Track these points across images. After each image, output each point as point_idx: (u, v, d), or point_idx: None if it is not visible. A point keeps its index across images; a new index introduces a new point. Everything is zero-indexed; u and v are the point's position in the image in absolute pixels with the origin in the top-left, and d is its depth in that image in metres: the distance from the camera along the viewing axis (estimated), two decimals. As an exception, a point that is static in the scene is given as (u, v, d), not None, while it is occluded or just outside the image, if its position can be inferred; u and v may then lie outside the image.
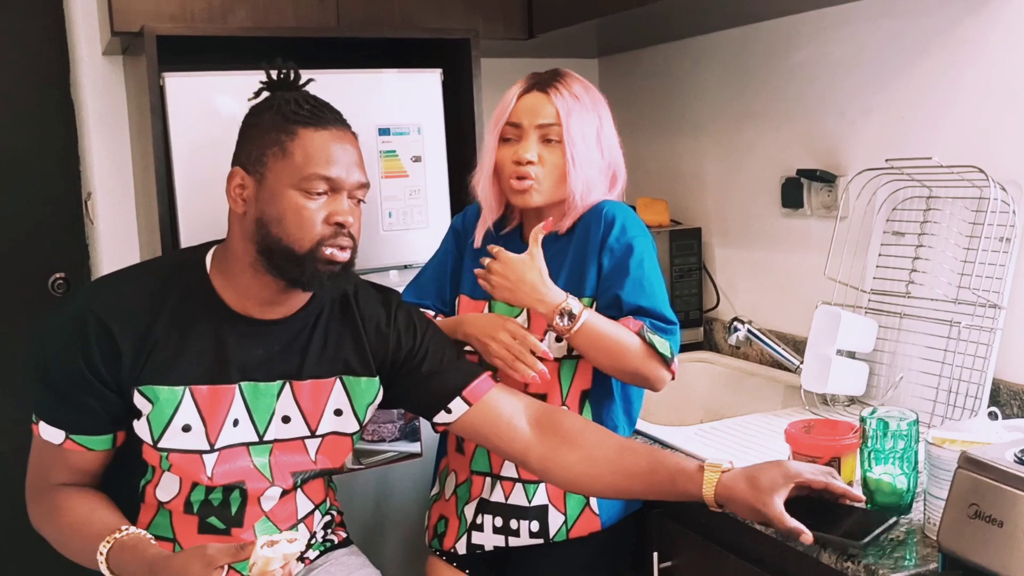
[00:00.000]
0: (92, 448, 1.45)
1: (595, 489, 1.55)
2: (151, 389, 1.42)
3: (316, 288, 1.45)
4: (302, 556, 1.63)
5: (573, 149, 1.62)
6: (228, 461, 1.47)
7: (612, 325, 1.57)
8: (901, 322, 1.88)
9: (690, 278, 2.50)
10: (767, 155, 2.30)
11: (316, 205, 1.41)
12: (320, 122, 1.42)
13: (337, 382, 1.54)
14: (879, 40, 1.97)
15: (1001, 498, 1.15)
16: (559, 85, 1.66)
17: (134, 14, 1.99)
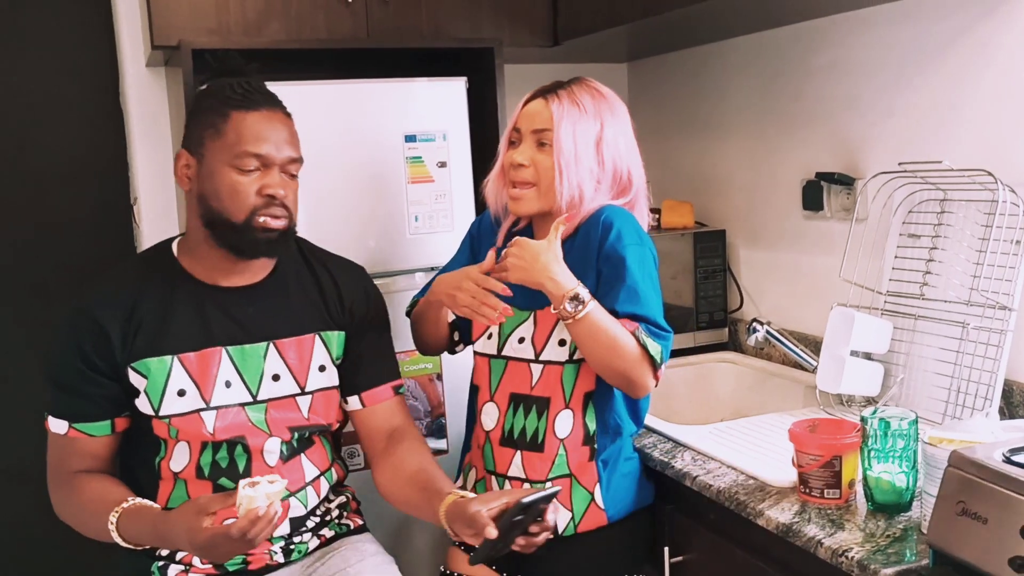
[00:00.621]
0: (93, 434, 1.61)
1: (399, 503, 1.71)
2: (142, 363, 1.59)
3: (256, 254, 1.62)
4: (318, 533, 1.72)
5: (560, 155, 1.65)
6: (226, 418, 1.60)
7: (613, 322, 1.60)
8: (915, 323, 1.90)
9: (715, 280, 2.53)
10: (789, 158, 2.33)
11: (249, 180, 1.58)
12: (250, 104, 1.58)
13: (317, 339, 1.70)
14: (898, 44, 1.99)
15: (986, 496, 1.18)
16: (562, 92, 1.70)
17: (173, 28, 2.09)
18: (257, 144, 1.57)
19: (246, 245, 1.61)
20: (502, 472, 1.75)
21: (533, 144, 1.69)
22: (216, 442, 1.61)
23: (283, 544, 1.68)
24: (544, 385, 1.70)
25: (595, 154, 1.68)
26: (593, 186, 1.68)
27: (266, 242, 1.61)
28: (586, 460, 1.70)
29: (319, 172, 2.10)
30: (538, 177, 1.69)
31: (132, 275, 1.65)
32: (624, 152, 1.72)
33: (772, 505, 1.51)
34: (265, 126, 1.59)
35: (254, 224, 1.58)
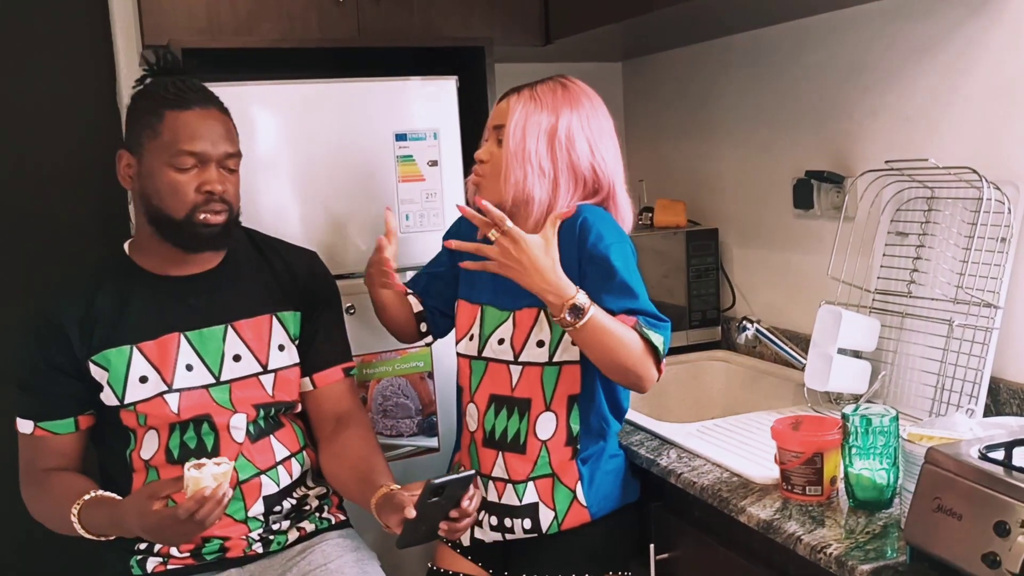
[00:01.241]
0: (58, 432, 1.66)
1: (339, 488, 1.76)
2: (102, 356, 1.64)
3: (200, 248, 1.68)
4: (298, 525, 1.75)
5: (507, 149, 1.65)
6: (191, 399, 1.64)
7: (613, 321, 1.56)
8: (903, 321, 1.90)
9: (707, 278, 2.54)
10: (781, 156, 2.33)
11: (187, 178, 1.62)
12: (183, 103, 1.62)
13: (274, 319, 1.76)
14: (886, 42, 1.99)
15: (961, 492, 1.18)
16: (527, 89, 1.70)
17: (164, 28, 2.10)
18: (192, 142, 1.61)
19: (189, 240, 1.66)
20: (486, 473, 1.75)
21: (494, 140, 1.71)
22: (183, 423, 1.65)
23: (260, 531, 1.70)
24: (524, 387, 1.70)
25: (547, 149, 1.65)
26: (542, 182, 1.64)
27: (208, 236, 1.66)
28: (567, 459, 1.70)
29: (309, 171, 2.11)
30: (492, 171, 1.69)
31: (87, 275, 1.71)
32: (583, 148, 1.66)
33: (754, 502, 1.51)
34: (199, 124, 1.62)
35: (195, 220, 1.63)
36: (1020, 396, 1.74)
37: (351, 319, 2.13)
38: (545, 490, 1.70)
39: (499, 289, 1.73)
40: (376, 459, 1.72)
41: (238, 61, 2.26)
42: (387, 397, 2.21)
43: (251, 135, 2.05)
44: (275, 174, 2.09)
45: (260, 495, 1.70)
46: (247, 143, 2.03)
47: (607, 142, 1.72)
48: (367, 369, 2.18)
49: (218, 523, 1.62)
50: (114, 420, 1.66)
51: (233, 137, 1.68)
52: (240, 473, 1.67)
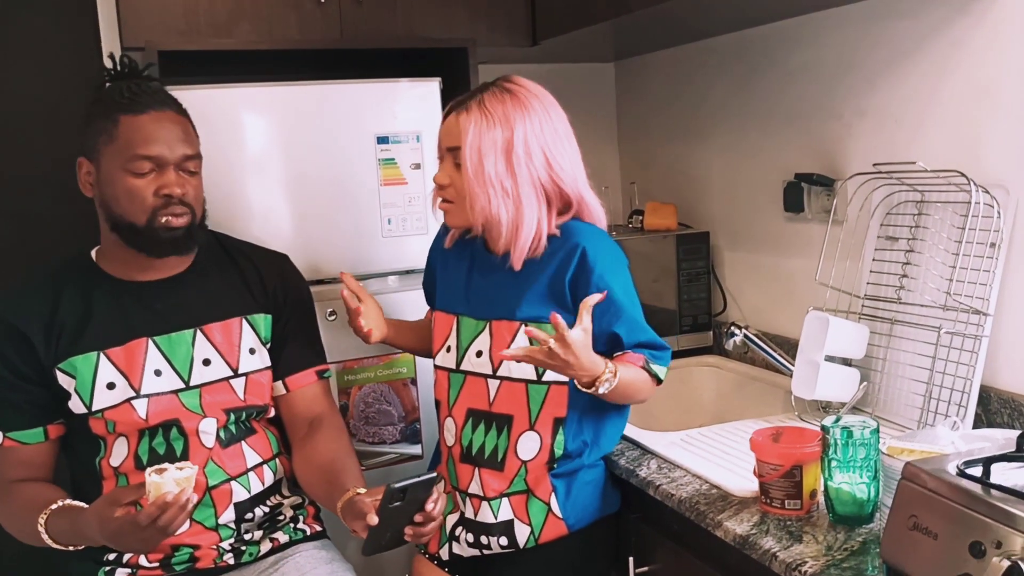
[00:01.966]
0: (26, 442, 1.63)
1: (308, 491, 1.74)
2: (68, 363, 1.60)
3: (163, 253, 1.64)
4: (271, 536, 1.72)
5: (465, 176, 1.58)
6: (159, 405, 1.62)
7: (631, 372, 1.59)
8: (892, 328, 1.85)
9: (698, 282, 2.49)
10: (770, 158, 2.29)
11: (145, 182, 1.59)
12: (137, 107, 1.58)
13: (243, 322, 1.72)
14: (871, 42, 1.94)
15: (936, 510, 1.14)
16: (473, 104, 1.60)
17: (143, 30, 2.07)
18: (147, 146, 1.57)
19: (152, 245, 1.63)
20: (463, 488, 1.71)
21: (451, 162, 1.63)
22: (151, 429, 1.62)
23: (232, 540, 1.67)
24: (503, 402, 1.65)
25: (506, 168, 1.57)
26: (505, 202, 1.58)
27: (170, 241, 1.63)
28: (542, 475, 1.66)
29: (290, 175, 2.08)
30: (460, 195, 1.62)
31: (50, 279, 1.67)
32: (540, 159, 1.59)
33: (732, 516, 1.47)
34: (154, 127, 1.59)
35: (156, 225, 1.60)
36: (1011, 405, 1.69)
37: (333, 324, 2.10)
38: (519, 505, 1.66)
39: (473, 298, 1.70)
40: (346, 462, 1.68)
41: (219, 63, 2.22)
42: (369, 404, 2.17)
43: (230, 138, 2.03)
44: (255, 177, 2.06)
45: (231, 502, 1.66)
46: (226, 146, 2.01)
47: (564, 147, 1.64)
48: (349, 375, 2.15)
49: (188, 531, 1.61)
50: (83, 428, 1.64)
51: (191, 139, 1.64)
52: (210, 479, 1.64)
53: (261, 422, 1.77)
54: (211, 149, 1.99)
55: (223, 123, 2.02)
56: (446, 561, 1.75)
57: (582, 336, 1.48)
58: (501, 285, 1.68)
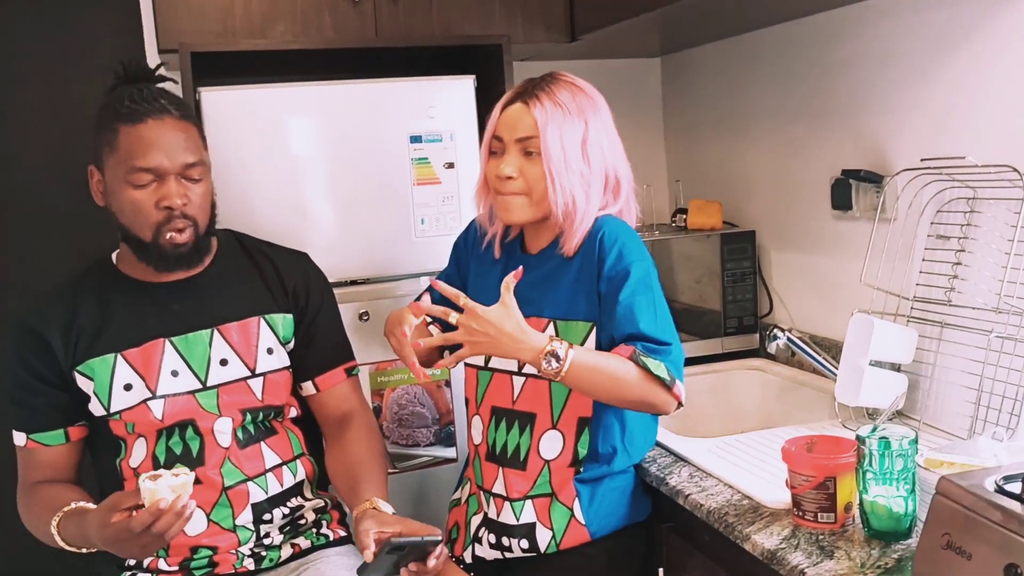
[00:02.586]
0: (48, 444, 1.64)
1: (336, 489, 1.74)
2: (87, 365, 1.61)
3: (170, 269, 1.62)
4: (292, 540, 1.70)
5: (550, 163, 1.56)
6: (175, 406, 1.62)
7: (602, 357, 1.50)
8: (942, 332, 1.76)
9: (744, 283, 2.41)
10: (818, 155, 2.20)
11: (146, 194, 1.56)
12: (135, 117, 1.55)
13: (261, 322, 1.70)
14: (917, 32, 1.85)
15: (972, 528, 1.07)
16: (541, 94, 1.59)
17: (178, 33, 2.08)
18: (146, 158, 1.54)
19: (159, 262, 1.62)
20: (487, 488, 1.68)
21: (519, 153, 1.59)
22: (168, 429, 1.62)
23: (251, 544, 1.66)
24: (527, 400, 1.62)
25: (582, 157, 1.58)
26: (584, 191, 1.58)
27: (176, 257, 1.61)
28: (567, 478, 1.62)
29: (323, 175, 2.07)
30: (528, 187, 1.59)
31: (70, 286, 1.67)
32: (609, 151, 1.62)
33: (762, 528, 1.40)
34: (154, 137, 1.55)
35: (161, 242, 1.59)
36: (1069, 415, 1.59)
37: (365, 326, 2.08)
38: (542, 509, 1.62)
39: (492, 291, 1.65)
40: (370, 467, 1.68)
41: (253, 64, 2.22)
42: (403, 406, 2.15)
43: (262, 138, 2.02)
44: (287, 177, 2.05)
45: (248, 503, 1.65)
46: (258, 146, 2.01)
47: (619, 142, 1.67)
48: (382, 377, 2.13)
49: (205, 531, 1.61)
50: (104, 430, 1.64)
51: (194, 145, 1.60)
52: (226, 479, 1.63)
53: (283, 422, 1.75)
54: (243, 149, 2.01)
55: (256, 123, 2.01)
56: (469, 564, 1.72)
57: (498, 308, 1.45)
58: (534, 284, 1.65)
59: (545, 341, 1.47)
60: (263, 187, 2.03)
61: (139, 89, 1.59)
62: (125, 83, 1.64)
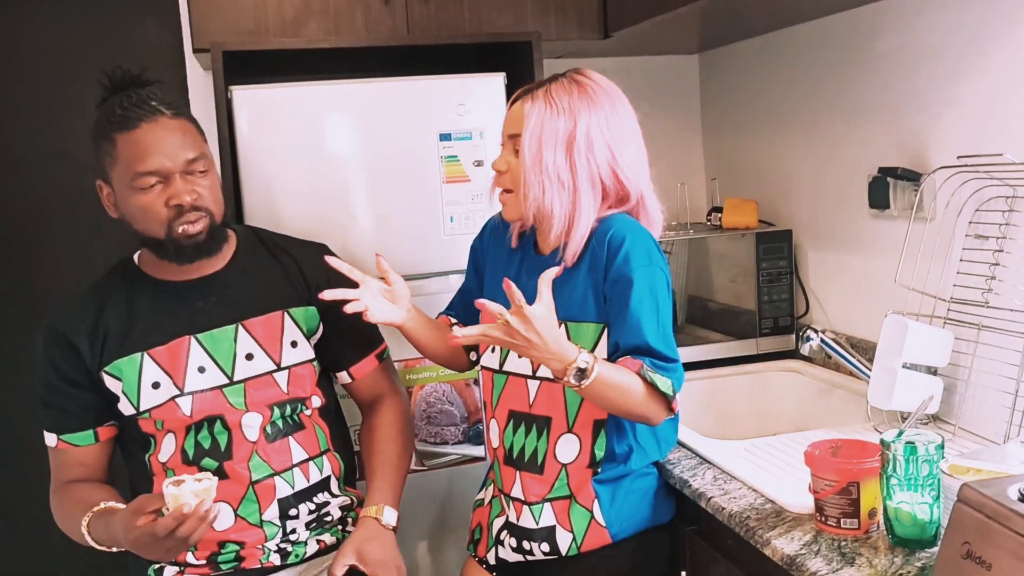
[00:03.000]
0: (78, 444, 1.67)
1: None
2: (114, 366, 1.63)
3: (191, 259, 1.63)
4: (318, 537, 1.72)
5: (521, 162, 1.53)
6: (203, 402, 1.64)
7: (618, 373, 1.48)
8: (979, 334, 1.71)
9: (780, 283, 2.37)
10: (856, 152, 2.15)
11: (153, 196, 1.57)
12: (128, 124, 1.55)
13: (285, 316, 1.72)
14: (957, 26, 1.79)
15: (992, 538, 1.03)
16: (539, 91, 1.56)
17: (212, 32, 2.10)
18: (146, 162, 1.55)
19: (178, 255, 1.63)
20: (507, 492, 1.67)
21: (511, 149, 1.58)
22: (197, 424, 1.64)
23: (278, 540, 1.67)
24: (543, 404, 1.60)
25: (565, 159, 1.52)
26: (560, 194, 1.52)
27: (194, 247, 1.62)
28: (586, 480, 1.60)
29: (352, 173, 2.08)
30: (515, 184, 1.57)
31: (94, 290, 1.70)
32: (603, 153, 1.54)
33: (783, 533, 1.37)
34: (151, 140, 1.55)
35: (175, 235, 1.59)
36: (1111, 422, 1.54)
37: (394, 323, 2.08)
38: (562, 511, 1.60)
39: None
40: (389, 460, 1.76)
41: (285, 63, 2.24)
42: (431, 403, 2.15)
43: (293, 135, 2.04)
44: (317, 175, 2.06)
45: (275, 497, 1.67)
46: (289, 143, 2.03)
47: (629, 143, 1.58)
48: (411, 374, 2.13)
49: (232, 526, 1.62)
50: (134, 428, 1.66)
51: (192, 141, 1.60)
52: (253, 473, 1.65)
53: (311, 416, 1.75)
54: (273, 146, 2.02)
55: (286, 121, 2.03)
56: (493, 565, 1.71)
57: (544, 312, 1.40)
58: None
59: (574, 355, 1.43)
60: (292, 184, 2.04)
61: (128, 95, 1.58)
62: (113, 92, 1.63)
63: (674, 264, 2.40)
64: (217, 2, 2.11)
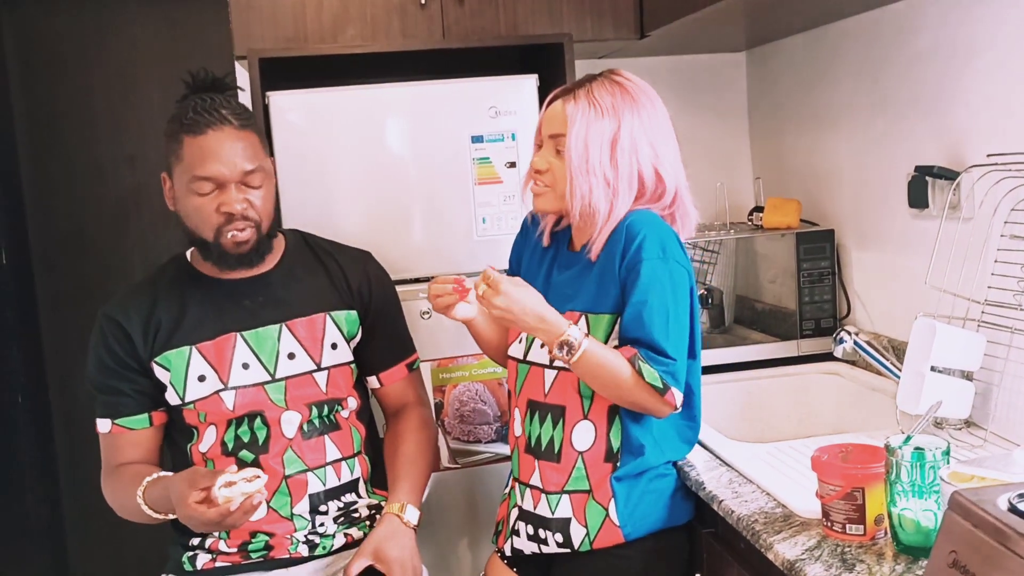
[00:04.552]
0: (133, 428, 1.74)
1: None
2: (164, 357, 1.71)
3: (233, 266, 1.71)
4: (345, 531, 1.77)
5: (570, 164, 1.55)
6: (246, 397, 1.72)
7: (609, 354, 1.51)
8: (1012, 338, 1.66)
9: (822, 284, 2.33)
10: (900, 150, 2.09)
11: (207, 200, 1.64)
12: (196, 128, 1.62)
13: (327, 318, 1.78)
14: (996, 20, 1.73)
15: (978, 548, 1.00)
16: (580, 92, 1.58)
17: (254, 39, 2.18)
18: (206, 168, 1.62)
19: (222, 260, 1.70)
20: (525, 481, 1.69)
21: (552, 149, 1.61)
22: (238, 419, 1.70)
23: (306, 532, 1.73)
24: (558, 393, 1.62)
25: (609, 157, 1.56)
26: (606, 195, 1.56)
27: (237, 257, 1.69)
28: (605, 476, 1.60)
29: (386, 175, 2.12)
30: (555, 181, 1.61)
31: (149, 282, 1.78)
32: (646, 152, 1.57)
33: (787, 538, 1.36)
34: (214, 148, 1.62)
35: (222, 241, 1.67)
36: None
37: (426, 323, 2.12)
38: (579, 505, 1.61)
39: (552, 293, 1.66)
40: (412, 464, 1.80)
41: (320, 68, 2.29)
42: (464, 402, 2.18)
43: (329, 139, 2.09)
44: (352, 177, 2.11)
45: (306, 492, 1.72)
46: (323, 146, 2.08)
47: (669, 143, 1.62)
48: (443, 373, 2.16)
49: (264, 517, 1.68)
50: (178, 417, 1.74)
51: (253, 153, 1.66)
52: (287, 468, 1.71)
53: (348, 417, 1.80)
54: (309, 150, 2.08)
55: (321, 125, 2.09)
56: (510, 557, 1.73)
57: (516, 280, 1.51)
58: (574, 279, 1.66)
59: (563, 328, 1.49)
60: (328, 187, 2.10)
61: (203, 100, 1.66)
62: (194, 92, 1.72)
63: (721, 264, 2.38)
64: (258, 10, 2.18)
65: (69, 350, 3.10)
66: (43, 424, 3.11)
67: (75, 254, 3.12)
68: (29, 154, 3.07)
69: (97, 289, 3.08)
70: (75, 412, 3.09)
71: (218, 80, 1.73)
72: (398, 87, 2.11)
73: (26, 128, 3.06)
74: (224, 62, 2.75)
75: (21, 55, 3.04)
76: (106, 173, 3.11)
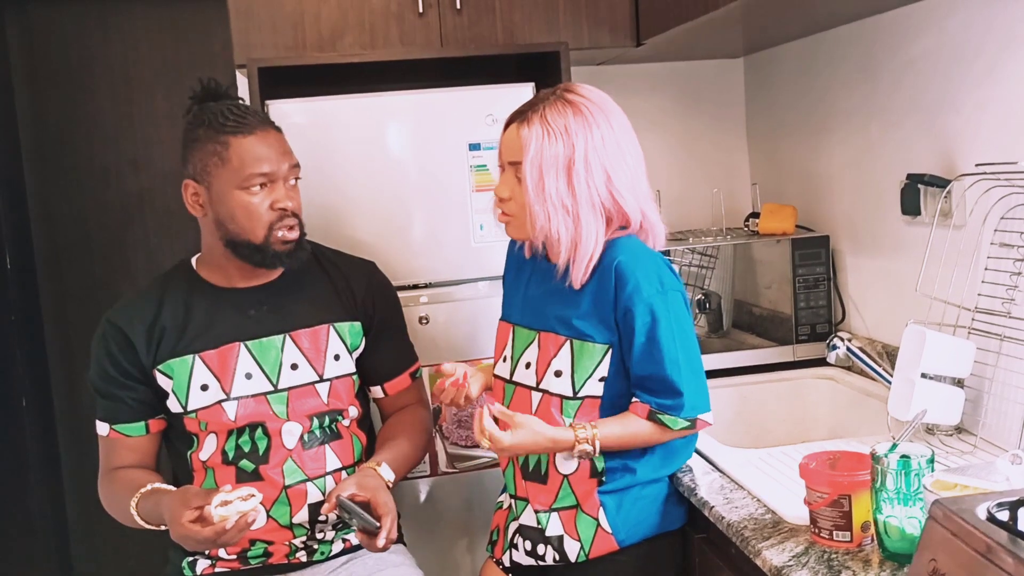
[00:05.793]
0: (130, 435, 1.75)
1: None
2: (167, 365, 1.72)
3: (278, 265, 1.73)
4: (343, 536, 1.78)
5: (526, 194, 1.54)
6: (248, 407, 1.71)
7: (623, 426, 1.56)
8: (1001, 345, 1.67)
9: (817, 289, 2.34)
10: (894, 157, 2.11)
11: (259, 198, 1.68)
12: (245, 129, 1.65)
13: (330, 329, 1.80)
14: (987, 27, 1.75)
15: (956, 557, 1.02)
16: (532, 115, 1.55)
17: (253, 48, 2.20)
18: (259, 165, 1.66)
19: (269, 259, 1.71)
20: (518, 496, 1.71)
21: (512, 175, 1.59)
22: (239, 429, 1.71)
23: (305, 539, 1.74)
24: (543, 415, 1.62)
25: (566, 183, 1.52)
26: (565, 220, 1.54)
27: (286, 254, 1.71)
28: (591, 490, 1.62)
29: (384, 181, 2.14)
30: (518, 209, 1.59)
31: (154, 289, 1.78)
32: (601, 177, 1.54)
33: (775, 544, 1.38)
34: (263, 146, 1.67)
35: (272, 240, 1.69)
36: None
37: (425, 329, 2.14)
38: (568, 520, 1.63)
39: (527, 307, 1.68)
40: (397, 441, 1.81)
41: (317, 76, 2.31)
42: (462, 407, 2.19)
43: (327, 148, 2.11)
44: (349, 185, 2.13)
45: (306, 502, 1.73)
46: (322, 154, 2.10)
47: (624, 161, 1.57)
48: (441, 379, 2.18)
49: (264, 527, 1.69)
50: (179, 425, 1.76)
51: (290, 150, 1.73)
52: (287, 478, 1.72)
53: (350, 426, 1.82)
54: (308, 159, 2.08)
55: (319, 133, 2.11)
56: (508, 568, 1.75)
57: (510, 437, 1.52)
58: (552, 296, 1.66)
59: (571, 438, 1.54)
60: (326, 193, 2.11)
61: (233, 105, 1.70)
62: (204, 101, 1.74)
63: (719, 269, 2.40)
64: (257, 19, 2.20)
65: (73, 353, 3.14)
66: (47, 426, 3.14)
67: (79, 257, 3.15)
68: (33, 158, 3.11)
69: (101, 292, 3.11)
70: (78, 414, 3.12)
71: (224, 89, 1.76)
72: (396, 95, 2.14)
73: (30, 132, 3.10)
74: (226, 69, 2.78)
75: (25, 60, 3.07)
76: (110, 177, 3.15)
